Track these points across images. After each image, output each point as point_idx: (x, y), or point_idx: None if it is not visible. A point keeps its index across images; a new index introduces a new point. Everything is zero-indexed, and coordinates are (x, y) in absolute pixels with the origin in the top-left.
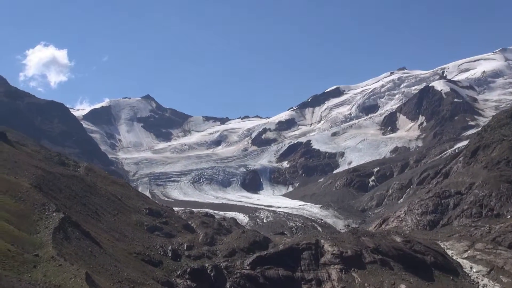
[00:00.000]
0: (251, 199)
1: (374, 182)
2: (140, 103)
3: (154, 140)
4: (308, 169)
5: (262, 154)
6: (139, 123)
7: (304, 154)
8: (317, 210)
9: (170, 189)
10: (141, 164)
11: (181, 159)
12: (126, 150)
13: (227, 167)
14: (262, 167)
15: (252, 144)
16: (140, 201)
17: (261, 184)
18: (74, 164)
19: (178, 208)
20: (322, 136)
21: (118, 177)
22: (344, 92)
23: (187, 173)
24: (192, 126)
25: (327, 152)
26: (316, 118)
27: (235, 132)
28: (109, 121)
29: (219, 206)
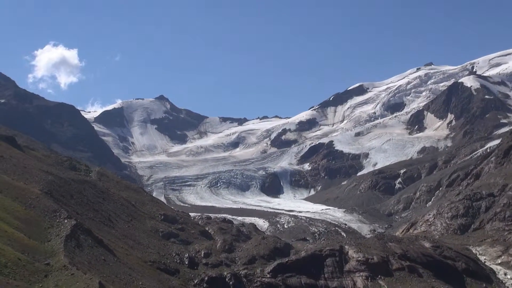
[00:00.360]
0: (271, 203)
1: (401, 185)
2: (154, 104)
3: (168, 143)
4: (331, 171)
5: (282, 156)
6: (153, 125)
7: (327, 156)
8: (340, 215)
9: (186, 193)
10: (156, 168)
11: (197, 162)
12: (140, 153)
13: (245, 170)
14: (282, 170)
15: (271, 145)
16: (154, 206)
17: (281, 188)
18: (86, 169)
19: (195, 213)
20: (345, 136)
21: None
22: (368, 90)
23: (204, 177)
24: (208, 128)
25: (351, 153)
26: (339, 117)
27: (253, 133)
28: (122, 124)
29: (237, 211)
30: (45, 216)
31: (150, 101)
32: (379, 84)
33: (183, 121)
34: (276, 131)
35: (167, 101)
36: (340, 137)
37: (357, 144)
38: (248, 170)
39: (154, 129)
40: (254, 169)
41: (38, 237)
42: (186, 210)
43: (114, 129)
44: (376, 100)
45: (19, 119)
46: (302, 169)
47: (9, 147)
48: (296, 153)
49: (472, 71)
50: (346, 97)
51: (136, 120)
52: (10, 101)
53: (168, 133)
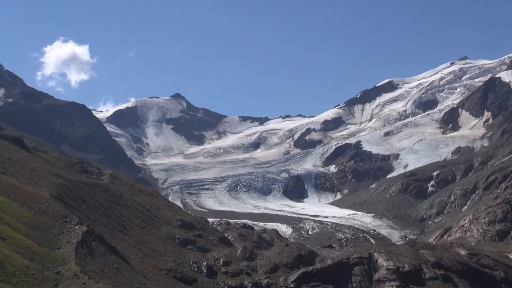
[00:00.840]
0: (294, 208)
1: (434, 188)
2: (169, 103)
3: (185, 144)
4: (358, 173)
5: (306, 157)
6: (169, 125)
7: (354, 157)
8: (369, 220)
9: (204, 198)
10: (171, 171)
11: (216, 165)
12: (155, 155)
13: (267, 172)
14: (306, 172)
15: (294, 146)
16: (170, 211)
17: (305, 191)
18: (98, 172)
19: (213, 219)
20: (374, 136)
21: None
22: (398, 86)
23: (223, 180)
24: (227, 128)
25: (380, 154)
26: (367, 116)
27: (275, 133)
28: (136, 124)
29: (258, 217)
30: (55, 222)
31: (165, 100)
32: (410, 80)
33: (200, 120)
34: (299, 131)
35: (184, 100)
36: (368, 137)
37: (386, 144)
38: (270, 173)
39: (169, 129)
40: (276, 172)
41: (48, 244)
42: (204, 216)
43: (127, 129)
44: (407, 97)
45: (27, 120)
46: (328, 172)
47: (17, 149)
48: (321, 154)
49: (511, 66)
50: (375, 94)
51: (150, 120)
52: (18, 101)
53: (184, 133)
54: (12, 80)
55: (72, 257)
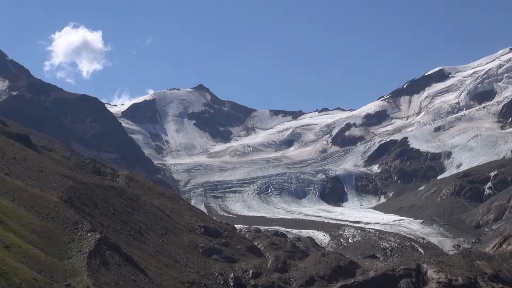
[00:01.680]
0: (332, 213)
1: (491, 190)
2: (192, 95)
3: (209, 141)
4: (405, 174)
5: (346, 156)
6: (191, 120)
7: (400, 155)
8: (417, 227)
9: (231, 202)
10: (194, 172)
11: (244, 164)
12: (175, 154)
13: (301, 173)
14: (346, 173)
15: (332, 143)
16: (193, 217)
17: (345, 194)
18: (112, 173)
19: (241, 225)
20: (423, 131)
21: (166, 187)
22: (450, 75)
23: (252, 182)
24: (256, 123)
25: (429, 152)
26: (414, 109)
27: (310, 129)
28: (154, 119)
29: (292, 223)
30: (64, 228)
31: (187, 92)
32: (464, 68)
33: (226, 115)
34: (338, 126)
35: (208, 92)
36: (416, 133)
37: (437, 141)
38: (305, 174)
39: (192, 125)
40: (312, 172)
41: (57, 253)
42: (231, 222)
43: (145, 125)
44: (460, 87)
45: (34, 115)
46: (370, 172)
47: (23, 148)
48: (363, 153)
49: None
50: (424, 84)
51: (171, 115)
52: (24, 94)
53: (208, 129)
54: (17, 71)
55: (84, 268)
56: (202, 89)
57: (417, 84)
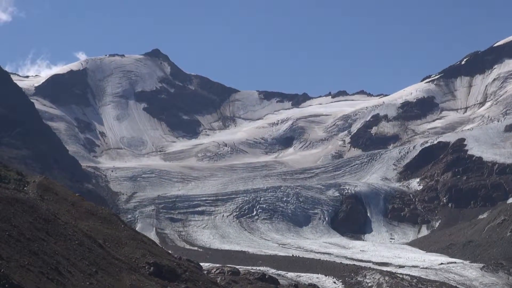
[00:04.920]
0: (348, 249)
1: None
2: (143, 66)
3: (166, 136)
4: (460, 194)
5: (371, 164)
6: (140, 102)
7: (453, 166)
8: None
9: (196, 228)
10: (142, 181)
11: (217, 172)
12: (115, 153)
13: (303, 188)
14: (370, 190)
15: (351, 145)
16: (138, 249)
17: (368, 222)
18: (18, 179)
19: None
20: (488, 131)
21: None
22: None
23: (228, 199)
24: (238, 110)
25: (497, 162)
26: (477, 96)
27: (319, 121)
28: (84, 99)
29: (287, 262)
30: None
31: (135, 60)
32: None
33: (193, 96)
34: (360, 119)
35: (166, 61)
36: (477, 133)
37: (509, 146)
38: (309, 189)
39: (141, 110)
40: (319, 187)
41: None
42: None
43: (70, 108)
44: None
45: None
46: (408, 189)
47: None
48: (397, 160)
49: None
50: (491, 60)
51: (109, 94)
52: None
53: (166, 117)
54: None
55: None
56: (158, 57)
57: (482, 59)
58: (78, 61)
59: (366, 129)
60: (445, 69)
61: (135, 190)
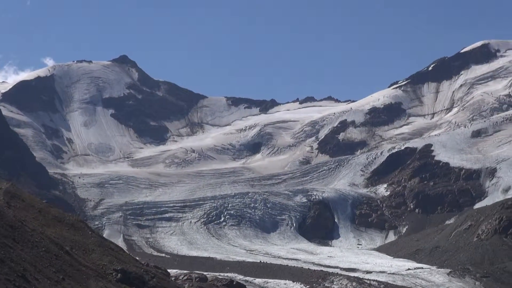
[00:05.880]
0: (316, 255)
1: None
2: (110, 72)
3: (134, 142)
4: (427, 200)
5: (339, 170)
6: (107, 108)
7: (420, 172)
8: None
9: (163, 234)
10: (110, 187)
11: (185, 178)
12: (82, 159)
13: (271, 194)
14: (338, 196)
15: (319, 151)
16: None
17: (335, 228)
18: None
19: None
20: (455, 137)
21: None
22: (499, 54)
23: (196, 205)
24: (206, 116)
25: (464, 168)
26: (444, 102)
27: (287, 127)
28: (51, 105)
29: (255, 269)
30: None
31: (103, 66)
32: None
33: (161, 103)
34: (328, 125)
35: (134, 67)
36: (444, 138)
37: (475, 151)
38: (277, 195)
39: (109, 116)
40: (287, 193)
41: None
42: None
43: (37, 114)
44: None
45: None
46: (375, 195)
47: None
48: (364, 166)
49: None
50: (458, 66)
51: (77, 100)
52: None
53: (134, 124)
54: None
55: None
56: (126, 63)
57: (449, 65)
58: (46, 67)
59: (333, 135)
60: (413, 75)
61: (102, 197)
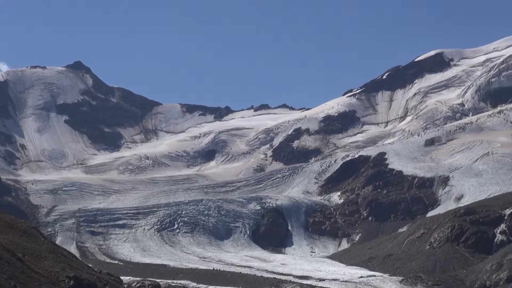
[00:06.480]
0: (269, 263)
1: (505, 236)
2: (64, 78)
3: (88, 148)
4: (380, 208)
5: (293, 177)
6: (61, 115)
7: (373, 180)
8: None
9: (117, 241)
10: (63, 194)
11: (139, 185)
12: (35, 166)
13: (225, 201)
14: (291, 203)
15: (273, 158)
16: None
17: (289, 235)
18: None
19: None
20: (408, 145)
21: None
22: (452, 63)
23: (150, 212)
24: (160, 123)
25: (417, 176)
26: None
27: (241, 135)
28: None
29: (208, 276)
30: None
31: (57, 72)
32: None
33: (115, 109)
34: (282, 133)
35: (89, 73)
36: (398, 147)
37: (428, 160)
38: (230, 202)
39: (62, 122)
40: (240, 201)
41: None
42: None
43: None
44: (466, 81)
45: None
46: (328, 203)
47: None
48: (318, 174)
49: None
50: (411, 75)
51: (30, 106)
52: None
53: (87, 130)
54: None
55: None
56: (80, 69)
57: (403, 74)
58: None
59: (288, 143)
60: (367, 83)
61: (55, 203)
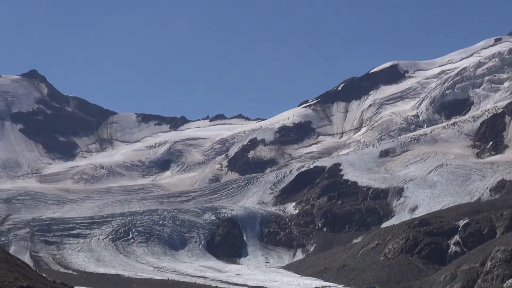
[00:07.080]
0: (224, 273)
1: (459, 247)
2: (19, 87)
3: (42, 157)
4: (335, 219)
5: (248, 188)
6: (16, 123)
7: (328, 190)
8: None
9: (71, 251)
10: (17, 203)
11: (94, 195)
12: None
13: (180, 211)
14: (246, 214)
15: (228, 168)
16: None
17: (244, 246)
18: None
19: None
20: (363, 156)
21: None
22: (407, 75)
23: (104, 222)
24: (116, 132)
25: (371, 187)
26: (353, 122)
27: (197, 145)
28: None
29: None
30: None
31: (12, 81)
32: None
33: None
34: (238, 143)
35: (44, 82)
36: (353, 158)
37: (383, 171)
38: (185, 212)
39: (17, 131)
40: (196, 211)
41: None
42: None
43: None
44: (421, 93)
45: None
46: (284, 213)
47: None
48: (273, 184)
49: None
50: (367, 86)
51: None
52: None
53: (42, 139)
54: None
55: None
56: (36, 78)
57: (358, 85)
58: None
59: (243, 153)
60: (322, 94)
61: (9, 212)
